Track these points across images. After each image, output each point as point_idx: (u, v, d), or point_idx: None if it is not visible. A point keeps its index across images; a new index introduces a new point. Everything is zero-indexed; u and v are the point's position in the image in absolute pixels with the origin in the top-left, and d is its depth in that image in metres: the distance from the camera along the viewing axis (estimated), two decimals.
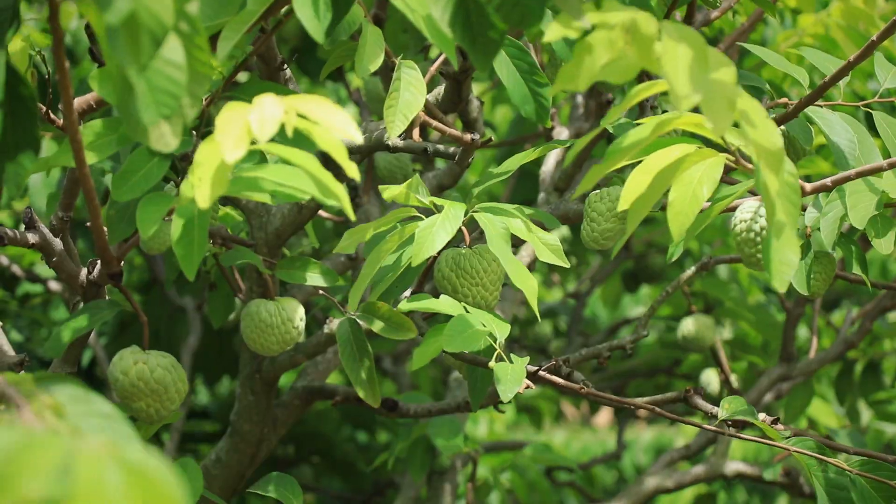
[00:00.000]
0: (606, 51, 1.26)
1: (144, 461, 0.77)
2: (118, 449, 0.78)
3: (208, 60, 1.21)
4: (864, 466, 1.79)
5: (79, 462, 0.76)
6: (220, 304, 2.61)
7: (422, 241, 1.68)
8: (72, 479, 0.75)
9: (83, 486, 0.75)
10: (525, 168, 2.08)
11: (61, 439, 0.77)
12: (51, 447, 0.77)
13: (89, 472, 0.76)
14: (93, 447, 0.77)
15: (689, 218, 1.46)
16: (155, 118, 1.18)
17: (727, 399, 1.85)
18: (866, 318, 3.16)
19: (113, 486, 0.75)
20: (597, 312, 6.25)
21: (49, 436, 0.78)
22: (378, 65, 1.73)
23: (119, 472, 0.76)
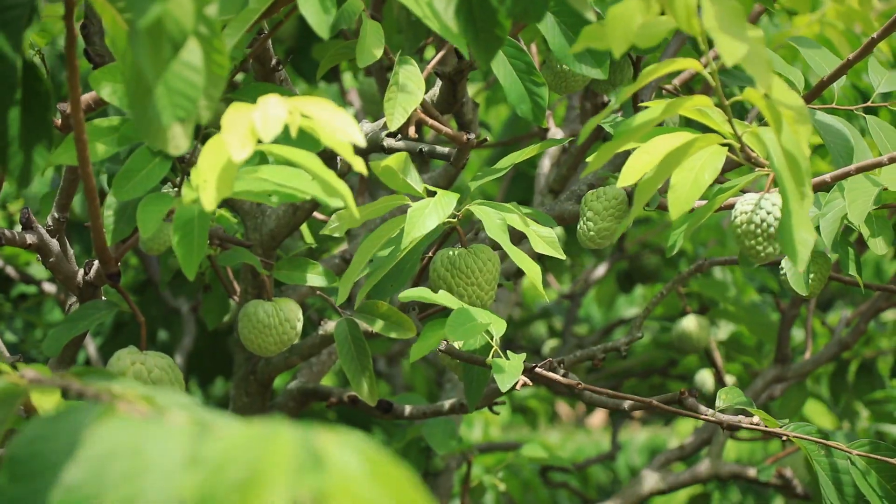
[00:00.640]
0: (641, 13, 1.27)
1: (366, 445, 0.74)
2: (342, 436, 0.75)
3: (225, 62, 1.21)
4: (865, 448, 1.80)
5: (324, 452, 0.73)
6: (215, 305, 2.61)
7: (413, 221, 1.68)
8: (326, 470, 0.72)
9: (338, 478, 0.71)
10: (519, 169, 2.09)
11: (290, 429, 0.74)
12: (286, 438, 0.73)
13: (338, 461, 0.72)
14: (324, 435, 0.74)
15: (689, 202, 1.47)
16: (172, 121, 1.18)
17: (724, 390, 1.86)
18: (861, 319, 3.17)
19: (361, 474, 0.72)
20: (591, 313, 6.25)
21: (274, 426, 0.74)
22: (378, 56, 1.73)
23: (359, 459, 0.73)
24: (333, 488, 0.71)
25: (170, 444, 0.75)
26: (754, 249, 1.64)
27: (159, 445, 0.75)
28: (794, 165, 1.39)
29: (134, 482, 0.73)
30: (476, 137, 1.96)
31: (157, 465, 0.74)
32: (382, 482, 0.72)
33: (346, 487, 0.71)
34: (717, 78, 1.40)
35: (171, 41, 1.09)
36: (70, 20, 1.29)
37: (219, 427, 0.76)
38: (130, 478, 0.73)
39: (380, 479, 0.72)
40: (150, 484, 0.73)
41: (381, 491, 0.72)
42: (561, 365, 1.92)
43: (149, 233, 1.49)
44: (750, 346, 3.67)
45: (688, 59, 1.37)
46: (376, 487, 0.72)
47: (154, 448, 0.75)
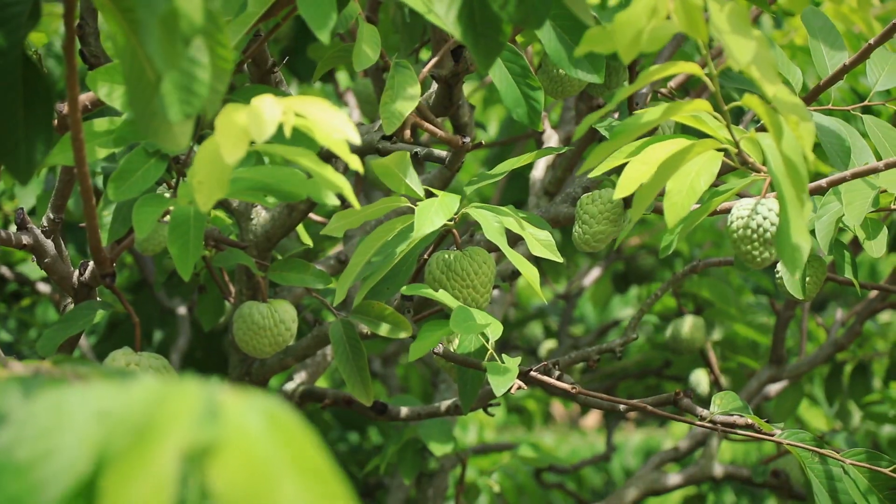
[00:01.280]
0: (649, 18, 1.27)
1: (273, 406, 0.75)
2: (247, 395, 0.76)
3: (229, 56, 1.21)
4: (858, 457, 1.81)
5: (224, 407, 0.74)
6: (210, 306, 2.61)
7: (422, 218, 1.68)
8: (220, 424, 0.72)
9: (232, 431, 0.72)
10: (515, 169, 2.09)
11: (197, 387, 0.75)
12: (189, 394, 0.74)
13: (236, 416, 0.73)
14: (229, 393, 0.75)
15: (685, 209, 1.47)
16: (179, 117, 1.18)
17: (719, 395, 1.86)
18: (857, 320, 3.17)
19: (259, 430, 0.73)
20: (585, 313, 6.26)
21: (183, 384, 0.75)
22: (375, 59, 1.74)
23: (260, 417, 0.74)
24: (226, 440, 0.72)
25: (87, 401, 0.76)
26: (750, 255, 1.65)
27: (79, 403, 0.76)
28: (794, 172, 1.39)
29: (50, 438, 0.74)
30: (471, 141, 1.96)
31: (74, 422, 0.75)
32: (280, 438, 0.73)
33: (239, 440, 0.72)
34: (717, 82, 1.41)
35: (182, 36, 1.10)
36: (70, 19, 1.29)
37: (131, 387, 0.77)
38: (48, 433, 0.74)
39: (278, 437, 0.73)
40: (66, 440, 0.74)
41: (277, 447, 0.72)
42: (556, 367, 1.92)
43: (144, 233, 1.49)
44: (745, 346, 3.67)
45: (687, 64, 1.37)
46: (273, 443, 0.73)
47: (73, 406, 0.76)
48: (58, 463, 0.73)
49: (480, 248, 1.88)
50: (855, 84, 3.10)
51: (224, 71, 1.22)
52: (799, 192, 1.39)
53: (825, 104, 2.08)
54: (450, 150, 2.02)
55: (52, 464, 0.73)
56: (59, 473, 0.72)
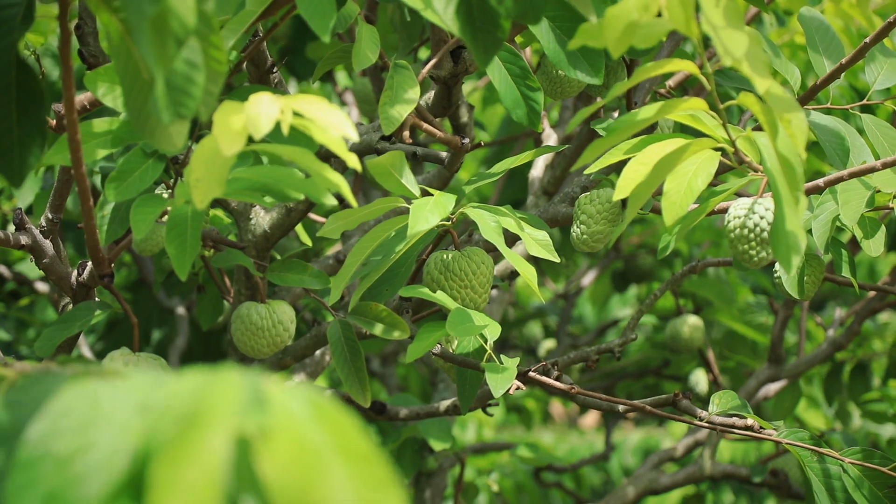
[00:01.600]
0: (639, 14, 1.27)
1: (314, 393, 0.76)
2: (288, 384, 0.76)
3: (223, 58, 1.21)
4: (857, 455, 1.81)
5: (269, 396, 0.74)
6: (209, 306, 2.61)
7: (417, 216, 1.68)
8: (268, 411, 0.73)
9: (280, 418, 0.73)
10: (514, 168, 2.09)
11: (239, 376, 0.76)
12: (233, 383, 0.75)
13: (282, 404, 0.74)
14: (271, 382, 0.76)
15: (683, 208, 1.47)
16: (173, 118, 1.18)
17: (718, 394, 1.86)
18: (855, 320, 3.17)
19: (306, 417, 0.73)
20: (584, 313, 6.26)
21: (228, 375, 0.76)
22: (374, 59, 1.73)
23: (304, 405, 0.74)
24: (276, 427, 0.72)
25: (124, 395, 0.76)
26: (747, 254, 1.64)
27: (115, 397, 0.76)
28: (789, 170, 1.39)
29: (87, 432, 0.74)
30: (470, 141, 1.96)
31: (112, 415, 0.75)
32: (326, 426, 0.74)
33: (288, 427, 0.73)
34: (713, 81, 1.40)
35: (174, 37, 1.09)
36: (64, 20, 1.29)
37: (170, 379, 0.77)
38: (84, 428, 0.74)
39: (324, 423, 0.74)
40: (103, 433, 0.74)
41: (324, 433, 0.73)
42: (555, 367, 1.92)
43: (142, 234, 1.49)
44: (744, 345, 3.67)
45: (683, 61, 1.37)
46: (319, 430, 0.73)
47: (109, 400, 0.76)
48: (98, 456, 0.73)
49: (479, 249, 1.88)
50: (855, 81, 3.10)
51: (218, 73, 1.22)
52: (794, 191, 1.39)
53: (824, 103, 2.08)
54: (449, 150, 2.02)
55: (91, 457, 0.73)
56: (100, 466, 0.72)
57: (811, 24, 2.06)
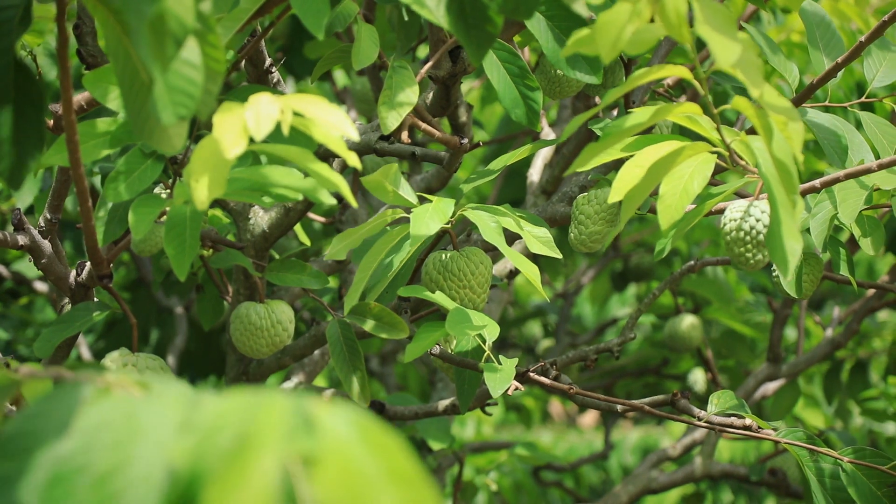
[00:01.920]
0: (632, 20, 1.27)
1: (360, 415, 0.75)
2: (335, 405, 0.76)
3: (221, 57, 1.21)
4: (855, 454, 1.81)
5: (318, 419, 0.74)
6: (209, 306, 2.61)
7: (417, 223, 1.68)
8: (317, 436, 0.73)
9: (329, 442, 0.72)
10: (512, 168, 2.09)
11: (284, 397, 0.75)
12: (280, 405, 0.75)
13: (331, 428, 0.74)
14: (317, 404, 0.75)
15: (678, 211, 1.47)
16: (173, 118, 1.18)
17: (716, 394, 1.86)
18: (854, 318, 3.17)
19: (354, 441, 0.73)
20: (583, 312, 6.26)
21: (274, 397, 0.75)
22: (374, 59, 1.74)
23: (352, 428, 0.74)
24: (325, 452, 0.72)
25: (163, 412, 0.76)
26: (743, 257, 1.65)
27: (152, 414, 0.76)
28: (785, 173, 1.39)
29: (125, 449, 0.74)
30: (469, 141, 1.96)
31: (150, 433, 0.75)
32: (373, 448, 0.73)
33: (337, 451, 0.72)
34: (706, 86, 1.41)
35: (173, 37, 1.09)
36: (62, 20, 1.29)
37: (211, 399, 0.77)
38: (122, 445, 0.74)
39: (371, 446, 0.74)
40: (142, 451, 0.74)
41: (371, 456, 0.73)
42: (553, 366, 1.92)
43: (140, 234, 1.49)
44: (742, 344, 3.67)
45: (676, 67, 1.37)
46: (367, 453, 0.73)
47: (147, 417, 0.76)
48: (137, 472, 0.73)
49: (477, 248, 1.88)
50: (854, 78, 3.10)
51: (216, 72, 1.22)
52: (790, 194, 1.39)
53: (823, 100, 2.08)
54: (448, 150, 2.02)
55: (131, 473, 0.73)
56: (140, 483, 0.72)
57: (812, 18, 2.06)
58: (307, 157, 1.30)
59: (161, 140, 1.26)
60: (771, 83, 3.12)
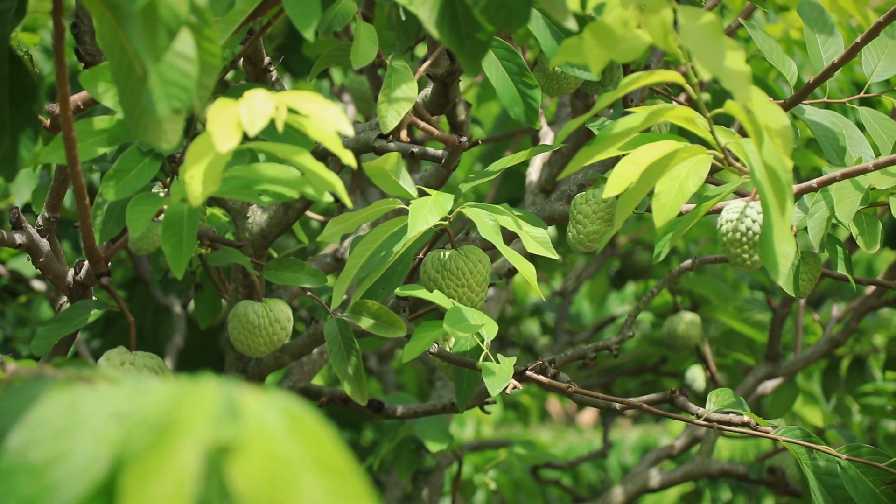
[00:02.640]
0: (619, 29, 1.27)
1: (291, 404, 0.75)
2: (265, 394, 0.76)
3: (216, 51, 1.21)
4: (853, 452, 1.80)
5: (243, 405, 0.74)
6: (207, 305, 2.60)
7: (416, 216, 1.68)
8: (241, 423, 0.73)
9: (253, 430, 0.72)
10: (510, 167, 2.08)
11: (214, 386, 0.75)
12: (208, 393, 0.74)
13: (256, 415, 0.73)
14: (246, 392, 0.75)
15: (673, 210, 1.47)
16: (167, 111, 1.18)
17: (715, 392, 1.86)
18: (853, 317, 3.17)
19: (279, 428, 0.73)
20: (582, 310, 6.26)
21: (201, 383, 0.75)
22: (373, 58, 1.74)
23: (279, 415, 0.74)
24: (247, 439, 0.72)
25: (103, 403, 0.76)
26: (740, 257, 1.64)
27: (93, 405, 0.76)
28: (776, 179, 1.39)
29: (65, 439, 0.74)
30: (468, 139, 1.96)
31: (89, 424, 0.75)
32: (301, 438, 0.73)
33: (260, 439, 0.72)
34: (699, 89, 1.41)
35: (167, 28, 1.09)
36: (58, 16, 1.29)
37: (151, 388, 0.77)
38: (62, 435, 0.75)
39: (298, 434, 0.73)
40: (80, 441, 0.74)
41: (297, 444, 0.73)
42: (552, 365, 1.92)
43: (138, 232, 1.49)
44: (741, 342, 3.67)
45: (668, 72, 1.38)
46: (293, 442, 0.73)
47: (88, 408, 0.76)
48: (73, 464, 0.73)
49: (476, 247, 1.88)
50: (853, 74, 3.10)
51: (212, 66, 1.22)
52: (781, 199, 1.39)
53: (822, 97, 2.07)
54: (446, 148, 2.01)
55: (67, 465, 0.73)
56: (75, 474, 0.72)
57: (811, 15, 2.06)
58: (304, 155, 1.30)
59: (157, 135, 1.26)
60: (770, 79, 3.11)
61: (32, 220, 1.97)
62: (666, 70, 1.38)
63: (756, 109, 1.35)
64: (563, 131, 1.40)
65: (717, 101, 3.02)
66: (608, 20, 1.27)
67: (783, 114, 1.36)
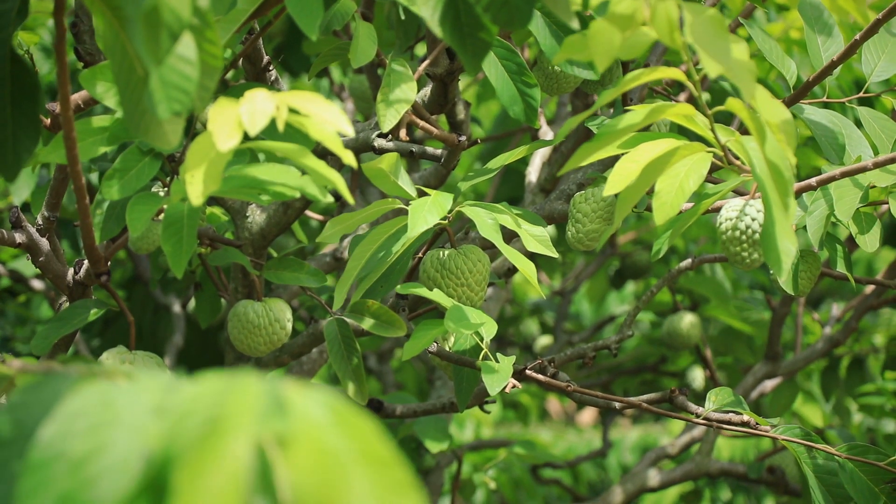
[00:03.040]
0: (626, 26, 1.27)
1: (333, 398, 0.76)
2: (308, 388, 0.76)
3: (218, 53, 1.21)
4: (853, 451, 1.81)
5: (289, 400, 0.74)
6: (207, 304, 2.61)
7: (416, 216, 1.68)
8: (289, 417, 0.73)
9: (301, 423, 0.73)
10: (510, 165, 2.09)
11: (258, 381, 0.75)
12: (253, 387, 0.75)
13: (303, 410, 0.74)
14: (290, 387, 0.76)
15: (674, 209, 1.47)
16: (167, 113, 1.18)
17: (714, 391, 1.86)
18: (853, 316, 3.17)
19: (326, 422, 0.74)
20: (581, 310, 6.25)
21: (246, 380, 0.76)
22: (372, 57, 1.74)
23: (324, 410, 0.74)
24: (297, 433, 0.73)
25: (138, 398, 0.76)
26: (739, 256, 1.64)
27: (129, 400, 0.76)
28: (778, 175, 1.39)
29: (101, 433, 0.74)
30: (467, 139, 1.96)
31: (125, 419, 0.75)
32: (346, 431, 0.74)
33: (309, 433, 0.73)
34: (699, 87, 1.41)
35: (169, 31, 1.09)
36: (60, 16, 1.29)
37: (186, 384, 0.77)
38: (98, 429, 0.74)
39: (344, 428, 0.74)
40: (117, 436, 0.74)
41: (344, 437, 0.73)
42: (552, 364, 1.92)
43: (138, 232, 1.49)
44: (741, 341, 3.67)
45: (669, 69, 1.37)
46: (340, 435, 0.73)
47: (123, 403, 0.76)
48: (112, 457, 0.73)
49: (475, 246, 1.88)
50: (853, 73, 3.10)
51: (213, 68, 1.22)
52: (783, 196, 1.39)
53: (821, 96, 2.07)
54: (445, 147, 2.01)
55: (106, 458, 0.73)
56: (116, 468, 0.72)
57: (811, 14, 2.06)
58: (304, 154, 1.30)
59: (157, 136, 1.26)
60: (770, 79, 3.12)
61: (32, 220, 1.97)
62: (668, 67, 1.38)
63: (759, 105, 1.35)
64: (565, 127, 1.40)
65: (716, 100, 3.02)
66: (619, 10, 1.27)
67: (786, 109, 1.36)
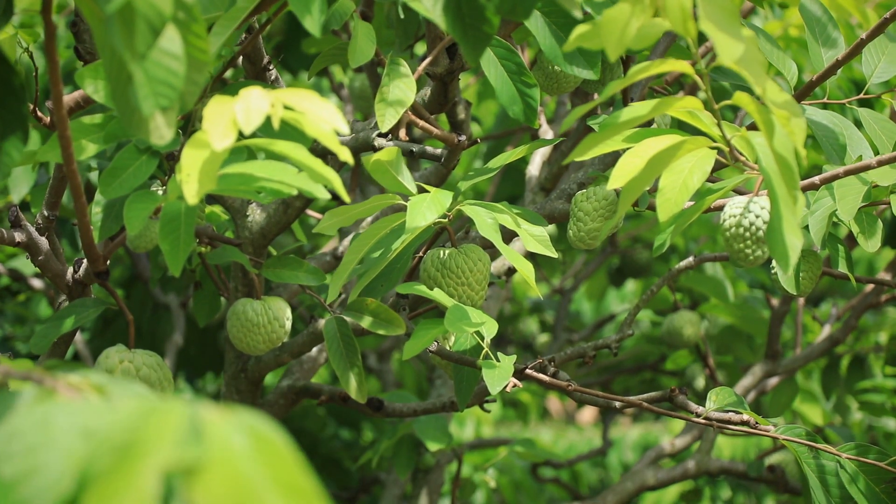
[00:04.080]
0: (636, 16, 1.26)
1: (258, 423, 0.75)
2: (231, 413, 0.76)
3: (206, 48, 1.21)
4: (853, 450, 1.80)
5: (207, 426, 0.74)
6: (206, 303, 2.60)
7: (414, 212, 1.67)
8: (204, 443, 0.73)
9: (216, 450, 0.72)
10: (510, 164, 2.09)
11: (181, 404, 0.75)
12: (173, 412, 0.74)
13: (219, 435, 0.73)
14: (213, 411, 0.75)
15: (678, 205, 1.46)
16: (153, 109, 1.17)
17: (715, 390, 1.86)
18: (853, 315, 3.16)
19: (243, 449, 0.73)
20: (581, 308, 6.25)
21: (168, 402, 0.75)
22: (370, 56, 1.73)
23: (244, 435, 0.74)
24: (211, 460, 0.72)
25: (76, 419, 0.76)
26: (743, 253, 1.64)
27: (67, 420, 0.76)
28: (786, 169, 1.38)
29: (35, 455, 0.74)
30: (467, 138, 1.95)
31: (60, 440, 0.75)
32: (265, 459, 0.73)
33: (222, 460, 0.72)
34: (707, 80, 1.40)
35: (150, 26, 1.09)
36: (48, 14, 1.28)
37: (121, 404, 0.77)
38: (33, 451, 0.74)
39: (263, 456, 0.73)
40: (51, 457, 0.74)
41: (261, 466, 0.73)
42: (552, 363, 1.91)
43: (135, 230, 1.48)
44: (741, 340, 3.67)
45: (677, 61, 1.36)
46: (257, 463, 0.73)
47: (62, 423, 0.76)
48: (42, 480, 0.73)
49: (475, 246, 1.88)
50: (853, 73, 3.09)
51: (201, 62, 1.21)
52: (791, 190, 1.38)
53: (822, 97, 2.07)
54: (445, 147, 2.01)
55: (36, 481, 0.73)
56: (45, 491, 0.72)
57: (811, 14, 2.05)
58: (301, 152, 1.29)
59: (150, 132, 1.25)
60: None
61: (31, 219, 1.97)
62: (675, 60, 1.37)
63: (769, 96, 1.34)
64: (568, 120, 1.40)
65: (717, 98, 3.02)
66: (626, 4, 1.26)
67: (795, 102, 1.36)
